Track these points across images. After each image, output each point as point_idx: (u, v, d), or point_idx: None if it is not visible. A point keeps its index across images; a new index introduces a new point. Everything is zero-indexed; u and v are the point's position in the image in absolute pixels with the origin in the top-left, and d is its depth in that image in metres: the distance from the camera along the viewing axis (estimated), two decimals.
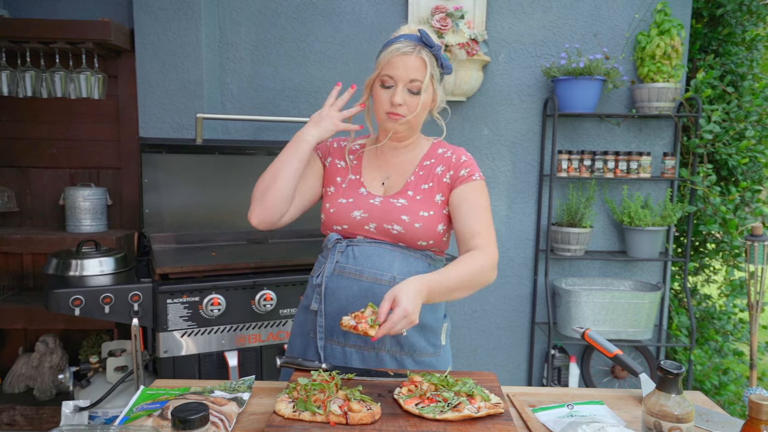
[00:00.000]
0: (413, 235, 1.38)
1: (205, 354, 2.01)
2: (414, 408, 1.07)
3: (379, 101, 1.39)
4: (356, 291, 1.37)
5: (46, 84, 2.53)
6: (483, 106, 2.88)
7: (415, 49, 1.34)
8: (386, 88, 1.37)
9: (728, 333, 3.04)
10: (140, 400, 1.14)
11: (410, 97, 1.36)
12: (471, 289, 1.31)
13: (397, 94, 1.34)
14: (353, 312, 1.22)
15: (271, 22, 2.80)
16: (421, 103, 1.37)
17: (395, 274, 1.37)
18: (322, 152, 1.51)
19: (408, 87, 1.35)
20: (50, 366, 2.62)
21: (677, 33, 2.66)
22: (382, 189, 1.45)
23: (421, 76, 1.35)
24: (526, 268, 2.99)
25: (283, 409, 1.05)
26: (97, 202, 2.67)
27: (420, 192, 1.41)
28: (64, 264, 2.05)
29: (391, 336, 1.37)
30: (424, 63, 1.35)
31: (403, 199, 1.40)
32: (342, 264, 1.40)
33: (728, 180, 3.03)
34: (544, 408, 1.19)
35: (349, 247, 1.41)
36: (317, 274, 1.44)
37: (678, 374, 0.92)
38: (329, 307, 1.40)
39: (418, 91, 1.36)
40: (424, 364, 1.42)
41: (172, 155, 2.46)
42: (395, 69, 1.34)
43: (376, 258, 1.38)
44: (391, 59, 1.34)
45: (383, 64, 1.36)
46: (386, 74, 1.36)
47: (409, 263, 1.40)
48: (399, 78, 1.34)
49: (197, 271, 2.04)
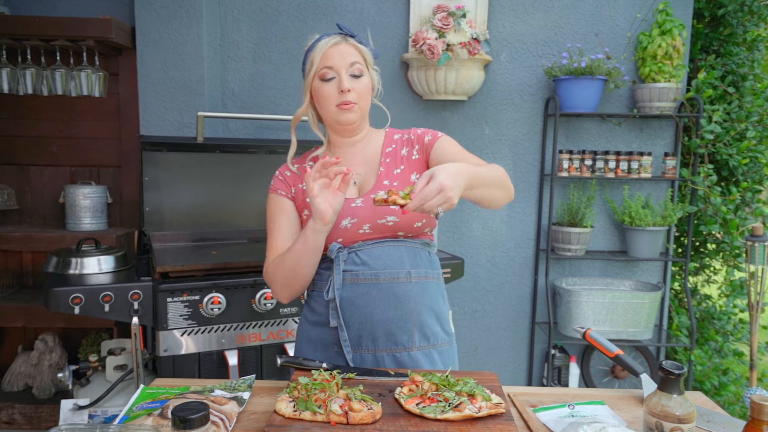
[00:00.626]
0: (407, 219, 1.36)
1: (205, 353, 2.00)
2: (415, 408, 1.06)
3: (325, 97, 1.36)
4: (376, 295, 1.34)
5: (47, 82, 2.53)
6: (484, 106, 2.88)
7: (343, 39, 1.37)
8: (328, 80, 1.35)
9: (728, 333, 3.04)
10: (140, 399, 1.14)
11: (355, 82, 1.36)
12: (501, 189, 1.30)
13: (344, 80, 1.33)
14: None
15: (272, 20, 2.79)
16: (365, 85, 1.37)
17: (409, 269, 1.37)
18: (283, 189, 1.45)
19: (350, 72, 1.35)
20: (49, 364, 2.62)
21: (678, 33, 2.66)
22: (356, 190, 1.43)
23: (358, 59, 1.36)
24: (526, 267, 2.99)
25: (283, 408, 1.05)
26: (98, 200, 2.67)
27: (394, 178, 1.40)
28: (64, 262, 2.04)
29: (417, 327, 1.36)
30: (356, 48, 1.37)
31: (381, 191, 1.33)
32: (352, 272, 1.35)
33: (729, 180, 3.03)
34: (545, 408, 1.19)
35: (352, 254, 1.36)
36: (326, 289, 1.36)
37: (679, 375, 0.92)
38: (350, 317, 1.35)
39: (360, 73, 1.36)
40: (444, 354, 1.42)
41: (172, 153, 2.45)
42: (332, 59, 1.34)
43: (386, 257, 1.36)
44: (325, 52, 1.34)
45: (318, 59, 1.35)
46: (325, 66, 1.34)
47: (415, 255, 1.39)
48: (339, 66, 1.34)
49: (197, 270, 2.04)
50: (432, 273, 1.43)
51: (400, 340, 1.35)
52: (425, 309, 1.38)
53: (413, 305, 1.36)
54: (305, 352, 1.44)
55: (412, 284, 1.36)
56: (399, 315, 1.35)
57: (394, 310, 1.34)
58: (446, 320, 1.46)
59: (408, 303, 1.35)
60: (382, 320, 1.34)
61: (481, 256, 2.96)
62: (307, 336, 1.45)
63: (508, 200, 1.35)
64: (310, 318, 1.45)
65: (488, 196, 1.28)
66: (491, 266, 2.98)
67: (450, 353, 1.45)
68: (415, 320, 1.36)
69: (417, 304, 1.36)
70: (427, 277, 1.40)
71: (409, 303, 1.35)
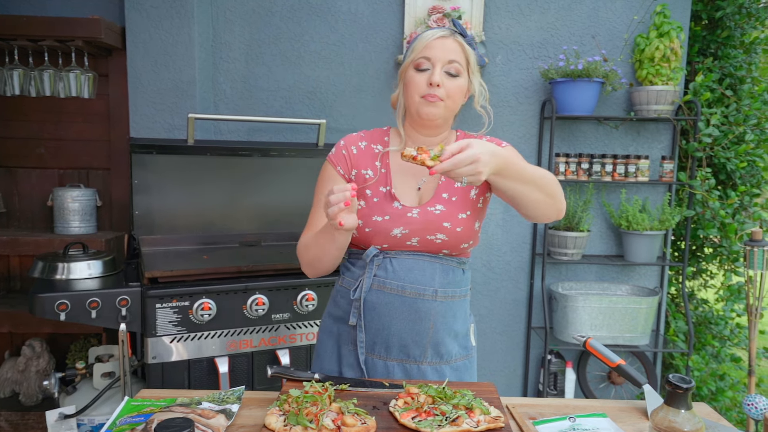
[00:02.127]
0: (456, 239, 1.34)
1: (195, 360, 1.96)
2: (410, 422, 1.02)
3: (413, 85, 1.32)
4: (399, 306, 1.33)
5: (35, 82, 2.48)
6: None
7: (451, 34, 1.33)
8: (421, 71, 1.31)
9: (725, 338, 3.01)
10: (124, 412, 1.09)
11: (448, 80, 1.31)
12: (543, 194, 1.24)
13: (436, 73, 1.29)
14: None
15: (265, 21, 2.75)
16: (458, 86, 1.32)
17: (437, 288, 1.34)
18: (342, 168, 1.39)
19: (446, 69, 1.31)
20: (37, 371, 2.56)
21: (676, 35, 2.63)
22: (417, 196, 1.37)
23: (459, 58, 1.32)
24: (522, 272, 2.96)
25: (273, 422, 1.01)
26: (87, 203, 2.61)
27: (454, 192, 1.36)
28: (50, 267, 1.99)
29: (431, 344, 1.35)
30: (462, 47, 1.33)
31: (440, 204, 1.34)
32: (381, 278, 1.34)
33: (726, 184, 3.01)
34: (546, 421, 1.15)
35: (386, 259, 1.35)
36: (354, 287, 1.37)
37: (688, 389, 0.88)
38: (370, 322, 1.35)
39: (456, 73, 1.32)
40: (459, 370, 1.41)
41: (162, 156, 2.40)
42: (433, 50, 1.30)
43: (418, 271, 1.33)
44: (429, 42, 1.31)
45: (420, 47, 1.32)
46: (423, 56, 1.31)
47: (448, 273, 1.36)
48: (437, 58, 1.30)
49: (187, 275, 1.99)
50: (460, 291, 1.40)
51: (412, 353, 1.35)
52: (444, 328, 1.36)
53: (432, 323, 1.34)
54: (324, 344, 1.44)
55: (437, 303, 1.34)
56: (416, 330, 1.34)
57: (412, 324, 1.34)
58: (466, 336, 1.44)
59: (427, 320, 1.34)
60: (398, 331, 1.34)
61: (476, 260, 2.93)
62: (329, 330, 1.44)
63: (554, 212, 1.29)
64: (333, 312, 1.45)
65: (526, 194, 1.23)
66: (487, 270, 2.94)
67: (466, 367, 1.43)
68: (430, 338, 1.35)
69: (436, 323, 1.35)
70: (453, 297, 1.37)
71: (428, 320, 1.34)
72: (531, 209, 1.26)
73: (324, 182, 1.41)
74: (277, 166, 2.59)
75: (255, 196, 2.57)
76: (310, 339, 2.14)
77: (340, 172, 1.39)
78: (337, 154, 1.41)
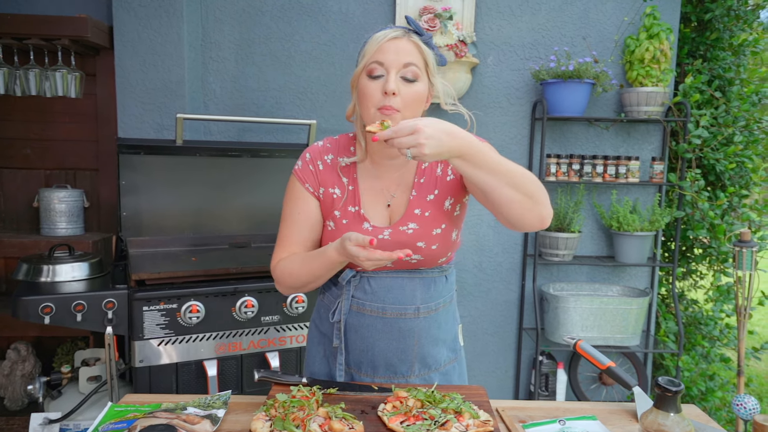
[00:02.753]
0: (432, 257, 1.27)
1: (183, 363, 1.93)
2: (399, 426, 1.01)
3: (368, 96, 1.18)
4: (381, 328, 1.28)
5: (20, 82, 2.45)
6: (471, 109, 2.77)
7: (405, 34, 1.20)
8: (375, 78, 1.18)
9: (715, 339, 3.02)
10: (107, 418, 1.07)
11: (405, 86, 1.18)
12: (518, 190, 1.08)
13: (390, 80, 1.16)
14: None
15: (255, 20, 2.73)
16: (416, 92, 1.19)
17: (419, 305, 1.29)
18: (311, 184, 1.30)
19: (402, 74, 1.18)
20: (22, 374, 2.53)
21: (666, 37, 2.64)
22: (387, 214, 1.28)
23: (416, 60, 1.18)
24: (513, 273, 2.95)
25: (259, 428, 0.99)
26: (74, 204, 2.58)
27: (427, 206, 1.26)
28: (35, 269, 1.96)
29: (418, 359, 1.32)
30: (418, 47, 1.20)
31: (412, 222, 1.25)
32: (360, 300, 1.29)
33: (716, 185, 3.02)
34: (535, 424, 1.14)
35: (363, 279, 1.28)
36: (333, 309, 1.32)
37: (677, 392, 0.88)
38: (353, 343, 1.31)
39: (414, 77, 1.18)
40: (449, 373, 1.38)
41: (150, 156, 2.38)
42: (386, 53, 1.17)
43: (397, 290, 1.27)
44: (381, 44, 1.18)
45: (371, 51, 1.19)
46: (375, 61, 1.18)
47: (429, 286, 1.30)
48: (390, 63, 1.17)
49: (175, 277, 1.97)
50: (444, 300, 1.35)
51: (399, 370, 1.31)
52: (429, 341, 1.33)
53: (416, 339, 1.31)
54: (313, 350, 1.41)
55: (419, 320, 1.30)
56: (400, 348, 1.30)
57: (396, 344, 1.30)
58: (454, 339, 1.41)
59: (411, 338, 1.30)
60: (383, 351, 1.30)
61: (467, 261, 2.92)
62: (317, 340, 1.41)
63: (535, 217, 1.11)
64: (318, 325, 1.41)
65: (495, 187, 1.08)
66: (478, 272, 2.94)
67: (455, 369, 1.40)
68: (416, 353, 1.32)
69: (420, 338, 1.31)
70: (437, 308, 1.33)
71: (412, 338, 1.30)
72: (506, 209, 1.10)
73: (294, 200, 1.31)
74: (268, 167, 2.56)
75: (245, 197, 2.54)
76: (300, 341, 2.12)
77: (309, 189, 1.30)
78: (304, 169, 1.30)
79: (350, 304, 1.29)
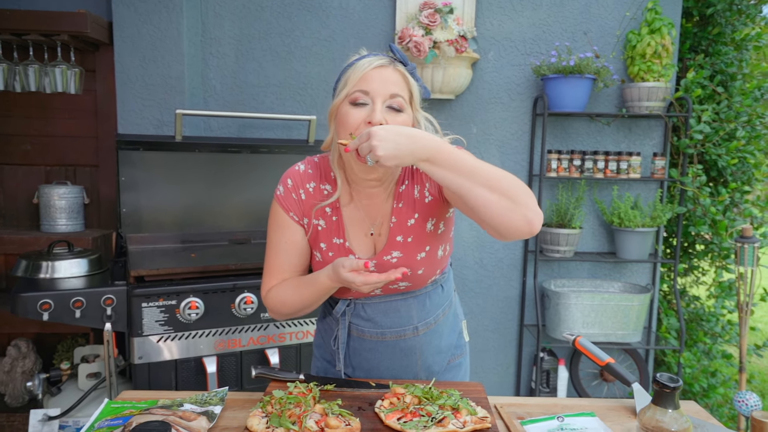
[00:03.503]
0: (420, 280, 1.26)
1: (183, 360, 1.93)
2: (396, 423, 1.00)
3: (350, 125, 1.12)
4: (382, 350, 1.31)
5: (20, 78, 2.44)
6: (472, 105, 2.83)
7: (391, 62, 1.16)
8: (358, 106, 1.13)
9: (717, 335, 3.01)
10: (103, 415, 1.07)
11: (391, 116, 1.12)
12: (494, 191, 1.02)
13: (377, 110, 1.10)
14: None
15: (255, 16, 2.72)
16: (402, 124, 1.13)
17: (416, 324, 1.30)
18: (296, 214, 1.25)
19: (388, 104, 1.12)
20: (23, 371, 2.53)
21: (668, 32, 2.62)
22: (372, 243, 1.25)
23: (402, 91, 1.14)
24: (514, 269, 2.94)
25: (255, 425, 0.99)
26: (74, 200, 2.58)
27: (408, 232, 1.22)
28: (34, 266, 1.96)
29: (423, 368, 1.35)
30: (404, 77, 1.16)
31: (395, 251, 1.22)
32: (359, 326, 1.30)
33: (717, 181, 3.00)
34: (533, 420, 1.14)
35: (358, 306, 1.28)
36: (332, 338, 1.33)
37: (675, 388, 0.87)
38: (358, 364, 1.34)
39: (399, 108, 1.13)
40: (452, 369, 1.40)
41: (150, 153, 2.37)
42: (371, 82, 1.12)
43: (393, 314, 1.28)
44: (367, 72, 1.12)
45: (355, 79, 1.13)
46: (359, 89, 1.12)
47: (425, 302, 1.30)
48: (376, 93, 1.11)
49: (174, 274, 1.97)
50: (443, 309, 1.35)
51: (406, 378, 1.34)
52: (432, 352, 1.35)
53: (419, 354, 1.33)
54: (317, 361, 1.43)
55: (419, 337, 1.31)
56: (404, 364, 1.33)
57: (400, 361, 1.32)
58: (459, 336, 1.42)
59: (413, 354, 1.32)
60: (388, 369, 1.34)
61: (468, 257, 2.91)
62: (320, 360, 1.43)
63: (520, 219, 1.03)
64: (320, 346, 1.43)
65: (468, 189, 1.02)
66: (479, 268, 2.93)
67: (460, 365, 1.42)
68: (420, 366, 1.34)
69: (423, 352, 1.33)
70: (437, 320, 1.33)
71: (414, 354, 1.32)
72: (484, 212, 1.03)
73: (279, 229, 1.26)
74: (267, 163, 2.56)
75: (244, 194, 2.54)
76: (299, 338, 2.12)
77: (294, 218, 1.25)
78: (287, 196, 1.25)
79: (349, 330, 1.31)
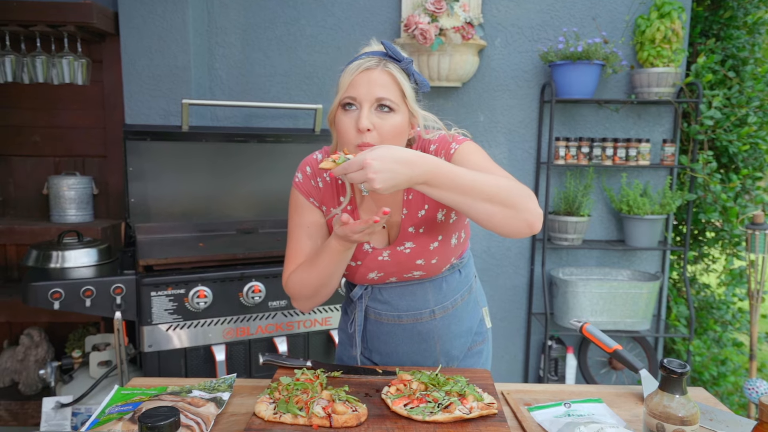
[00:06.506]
0: (434, 269, 1.26)
1: (192, 348, 1.95)
2: (402, 409, 1.01)
3: (344, 132, 1.12)
4: (400, 333, 1.31)
5: (27, 69, 2.45)
6: (479, 92, 2.81)
7: (379, 63, 1.13)
8: (349, 111, 1.12)
9: (727, 323, 2.99)
10: (113, 401, 1.08)
11: (381, 119, 1.11)
12: (494, 203, 1.02)
13: (363, 116, 1.09)
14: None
15: (260, 5, 2.71)
16: (394, 126, 1.12)
17: (433, 308, 1.30)
18: (315, 199, 1.26)
19: (378, 106, 1.12)
20: (35, 360, 2.57)
21: (678, 16, 2.58)
22: (385, 234, 1.26)
23: (390, 94, 1.12)
24: (522, 257, 2.94)
25: (263, 410, 0.99)
26: (83, 191, 2.60)
27: (420, 223, 1.22)
28: (44, 256, 1.98)
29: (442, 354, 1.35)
30: (393, 78, 1.13)
31: (408, 242, 1.22)
32: (376, 310, 1.31)
33: (728, 167, 2.97)
34: (540, 407, 1.14)
35: (375, 290, 1.30)
36: (349, 322, 1.36)
37: (682, 374, 0.86)
38: (376, 348, 1.35)
39: (391, 108, 1.12)
40: (474, 356, 1.40)
41: (157, 143, 2.38)
42: (357, 87, 1.11)
43: (409, 297, 1.29)
44: (353, 78, 1.12)
45: (344, 85, 1.13)
46: (348, 96, 1.12)
47: (441, 286, 1.30)
48: (362, 98, 1.11)
49: (183, 263, 1.98)
50: (461, 294, 1.34)
51: (425, 365, 1.34)
52: (451, 337, 1.34)
53: (437, 339, 1.33)
54: (341, 348, 1.45)
55: (437, 320, 1.31)
56: (422, 348, 1.33)
57: (418, 345, 1.33)
58: (480, 323, 1.42)
59: (432, 339, 1.32)
60: (407, 353, 1.33)
61: (476, 246, 2.91)
62: (341, 334, 1.46)
63: (522, 225, 1.05)
64: (342, 325, 1.45)
65: (469, 206, 1.04)
66: (487, 256, 2.92)
67: (481, 352, 1.42)
68: (439, 350, 1.34)
69: (441, 337, 1.33)
70: (454, 305, 1.33)
71: (432, 338, 1.32)
72: (487, 223, 1.06)
73: (300, 211, 1.26)
74: (274, 152, 2.56)
75: (251, 183, 2.54)
76: (307, 326, 2.13)
77: (315, 204, 1.26)
78: (306, 183, 1.26)
79: (366, 314, 1.32)
